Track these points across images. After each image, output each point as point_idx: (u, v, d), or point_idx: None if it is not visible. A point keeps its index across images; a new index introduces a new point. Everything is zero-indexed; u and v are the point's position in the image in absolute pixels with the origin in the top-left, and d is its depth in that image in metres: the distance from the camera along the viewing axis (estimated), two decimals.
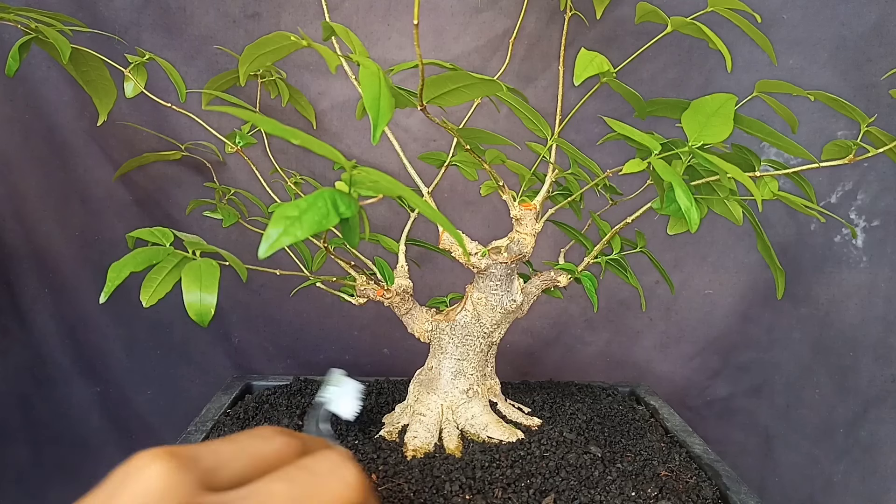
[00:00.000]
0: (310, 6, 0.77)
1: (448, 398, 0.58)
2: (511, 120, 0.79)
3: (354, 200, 0.29)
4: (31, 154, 0.78)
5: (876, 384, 0.85)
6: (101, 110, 0.55)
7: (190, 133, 0.76)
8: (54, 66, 0.76)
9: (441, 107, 0.46)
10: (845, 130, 0.80)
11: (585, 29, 0.76)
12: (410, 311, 0.60)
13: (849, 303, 0.85)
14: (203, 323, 0.42)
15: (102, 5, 0.74)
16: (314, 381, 0.73)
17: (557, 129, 0.54)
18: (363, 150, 0.82)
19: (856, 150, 0.46)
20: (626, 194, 0.62)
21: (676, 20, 0.47)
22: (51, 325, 0.83)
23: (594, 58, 0.43)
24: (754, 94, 0.51)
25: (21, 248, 0.81)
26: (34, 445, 0.86)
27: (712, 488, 0.52)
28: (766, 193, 0.49)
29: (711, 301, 0.87)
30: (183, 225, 0.82)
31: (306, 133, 0.28)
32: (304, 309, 0.87)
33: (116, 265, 0.43)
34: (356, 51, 0.44)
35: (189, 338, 0.87)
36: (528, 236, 0.55)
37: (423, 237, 0.66)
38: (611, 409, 0.68)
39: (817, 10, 0.77)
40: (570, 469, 0.52)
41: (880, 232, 0.82)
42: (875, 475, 0.86)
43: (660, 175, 0.40)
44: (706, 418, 0.92)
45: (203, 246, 0.47)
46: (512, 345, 0.89)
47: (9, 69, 0.49)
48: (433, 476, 0.50)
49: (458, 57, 0.79)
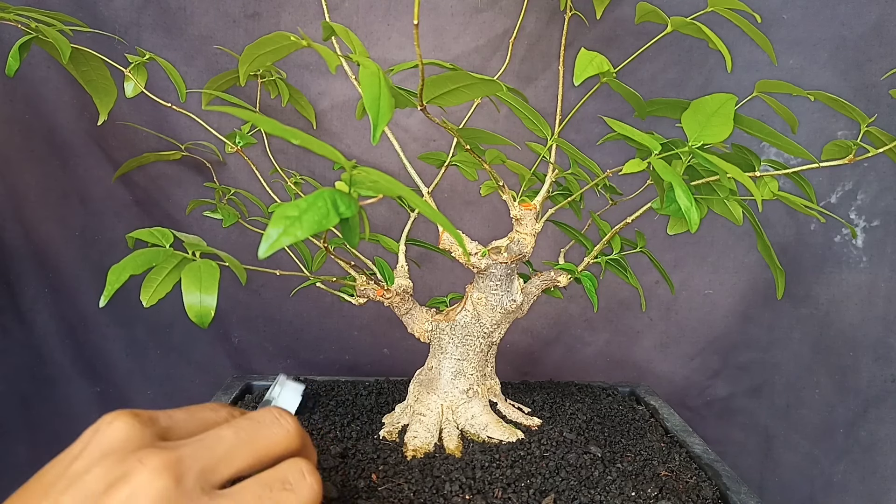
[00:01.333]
0: (310, 6, 0.77)
1: (448, 398, 0.58)
2: (511, 120, 0.79)
3: (354, 200, 0.29)
4: (31, 154, 0.78)
5: (876, 384, 0.85)
6: (102, 110, 0.55)
7: (190, 133, 0.76)
8: (54, 66, 0.76)
9: (441, 107, 0.46)
10: (845, 130, 0.80)
11: (585, 29, 0.76)
12: (410, 311, 0.60)
13: (849, 303, 0.85)
14: (203, 324, 0.42)
15: (102, 5, 0.74)
16: (314, 381, 0.73)
17: (557, 129, 0.54)
18: (363, 150, 0.82)
19: (856, 150, 0.46)
20: (626, 194, 0.62)
21: (676, 20, 0.47)
22: (51, 325, 0.83)
23: (594, 58, 0.43)
24: (754, 94, 0.51)
25: (21, 248, 0.81)
26: (34, 445, 0.86)
27: (712, 488, 0.52)
28: (766, 193, 0.49)
29: (711, 301, 0.87)
30: (183, 225, 0.82)
31: (306, 133, 0.28)
32: (304, 309, 0.87)
33: (116, 268, 0.43)
34: (356, 51, 0.44)
35: (189, 338, 0.87)
36: (528, 236, 0.55)
37: (423, 237, 0.66)
38: (611, 409, 0.68)
39: (817, 10, 0.77)
40: (570, 469, 0.52)
41: (880, 232, 0.82)
42: (875, 475, 0.86)
43: (660, 175, 0.40)
44: (706, 418, 0.92)
45: (203, 247, 0.47)
46: (512, 345, 0.89)
47: (9, 69, 0.49)
48: (433, 476, 0.50)
49: (458, 57, 0.79)
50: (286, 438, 0.31)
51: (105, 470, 0.27)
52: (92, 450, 0.28)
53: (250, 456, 0.29)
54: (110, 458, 0.27)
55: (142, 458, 0.27)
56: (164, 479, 0.26)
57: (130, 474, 0.26)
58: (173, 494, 0.26)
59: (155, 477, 0.26)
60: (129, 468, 0.26)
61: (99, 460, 0.27)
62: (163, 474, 0.26)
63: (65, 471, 0.28)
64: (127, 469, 0.26)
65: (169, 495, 0.26)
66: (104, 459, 0.27)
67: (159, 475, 0.26)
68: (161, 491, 0.26)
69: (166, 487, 0.26)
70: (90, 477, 0.26)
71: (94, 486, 0.26)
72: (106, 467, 0.27)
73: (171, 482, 0.26)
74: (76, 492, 0.26)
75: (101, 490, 0.26)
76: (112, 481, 0.26)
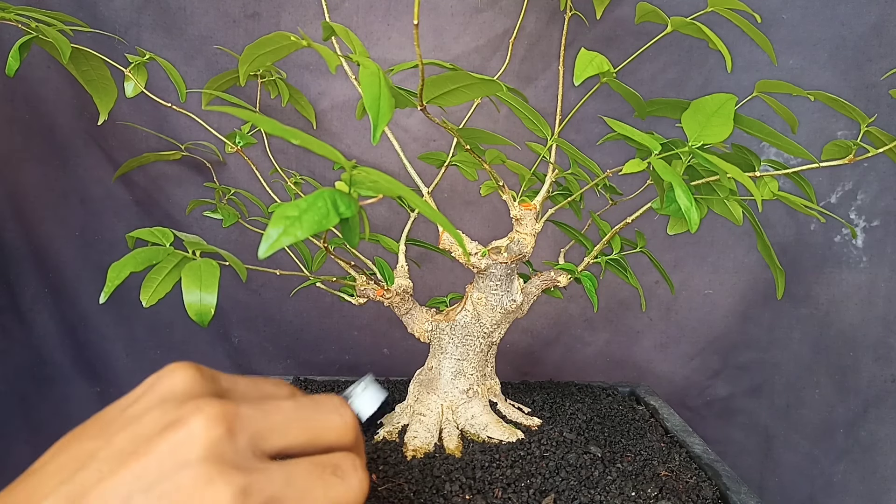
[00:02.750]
0: (310, 6, 0.77)
1: (448, 398, 0.58)
2: (511, 120, 0.79)
3: (354, 200, 0.29)
4: (31, 154, 0.78)
5: (876, 384, 0.85)
6: (102, 110, 0.55)
7: (190, 133, 0.76)
8: (54, 66, 0.76)
9: (441, 107, 0.46)
10: (845, 130, 0.80)
11: (585, 29, 0.76)
12: (410, 311, 0.60)
13: (849, 303, 0.85)
14: (203, 323, 0.42)
15: (102, 5, 0.74)
16: (314, 381, 0.73)
17: (557, 129, 0.54)
18: (363, 150, 0.82)
19: (856, 150, 0.46)
20: (626, 194, 0.62)
21: (676, 20, 0.48)
22: (51, 325, 0.83)
23: (594, 58, 0.43)
24: (754, 94, 0.51)
25: (21, 248, 0.81)
26: (34, 445, 0.86)
27: (712, 488, 0.52)
28: (766, 193, 0.49)
29: (711, 301, 0.87)
30: (183, 225, 0.82)
31: (306, 133, 0.28)
32: (304, 309, 0.87)
33: (116, 265, 0.43)
34: (356, 51, 0.44)
35: (189, 338, 0.87)
36: (528, 236, 0.55)
37: (423, 237, 0.66)
38: (611, 409, 0.68)
39: (817, 10, 0.77)
40: (570, 469, 0.52)
41: (880, 232, 0.82)
42: (875, 475, 0.86)
43: (660, 175, 0.40)
44: (706, 418, 0.92)
45: (203, 246, 0.47)
46: (512, 345, 0.89)
47: (9, 69, 0.49)
48: (433, 476, 0.50)
49: (458, 57, 0.79)
50: (342, 428, 0.30)
51: (162, 412, 0.27)
52: (151, 395, 0.28)
53: (303, 434, 0.29)
54: (169, 403, 0.27)
55: (200, 405, 0.26)
56: (219, 429, 0.26)
57: (187, 419, 0.26)
58: (226, 447, 0.26)
59: (211, 425, 0.26)
60: (186, 413, 0.26)
61: (157, 404, 0.27)
62: (219, 424, 0.26)
63: (122, 412, 0.28)
64: (184, 413, 0.26)
65: (221, 446, 0.26)
66: (163, 404, 0.27)
67: (215, 423, 0.26)
68: (214, 440, 0.26)
69: (220, 437, 0.26)
70: (147, 419, 0.27)
71: (150, 427, 0.26)
72: (163, 410, 0.27)
73: (225, 433, 0.26)
74: (131, 431, 0.26)
75: (156, 431, 0.26)
76: (167, 424, 0.26)
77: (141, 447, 0.25)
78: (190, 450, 0.25)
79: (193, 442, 0.25)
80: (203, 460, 0.25)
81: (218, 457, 0.25)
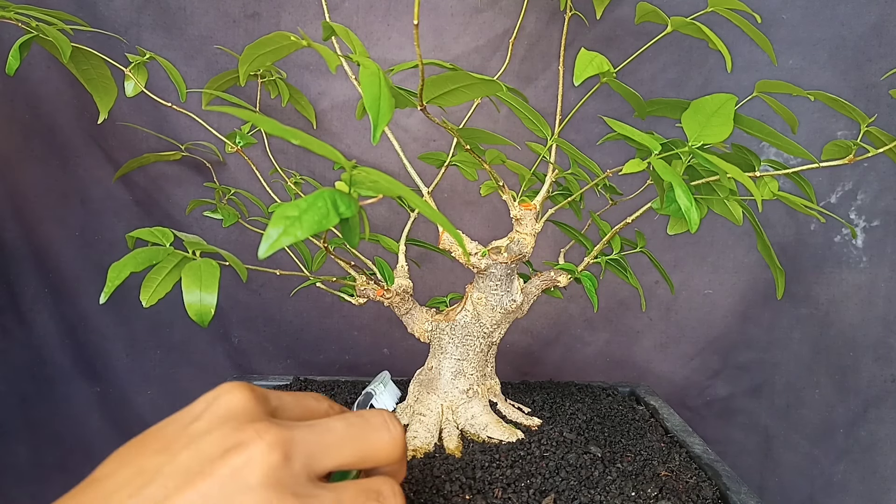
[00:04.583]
0: (310, 6, 0.77)
1: (448, 398, 0.58)
2: (511, 120, 0.79)
3: (354, 200, 0.29)
4: (31, 154, 0.78)
5: (876, 384, 0.85)
6: (102, 109, 0.55)
7: (190, 133, 0.76)
8: (54, 65, 0.76)
9: (441, 107, 0.46)
10: (845, 130, 0.80)
11: (585, 29, 0.76)
12: (410, 311, 0.60)
13: (849, 303, 0.85)
14: (203, 323, 0.42)
15: (102, 5, 0.74)
16: (314, 381, 0.73)
17: (557, 129, 0.54)
18: (363, 150, 0.82)
19: (856, 150, 0.46)
20: (626, 194, 0.62)
21: (676, 20, 0.48)
22: (51, 325, 0.83)
23: (594, 58, 0.43)
24: (754, 94, 0.51)
25: (21, 248, 0.81)
26: (34, 445, 0.86)
27: (712, 488, 0.52)
28: (766, 193, 0.49)
29: (711, 301, 0.87)
30: (183, 225, 0.82)
31: (306, 133, 0.28)
32: (304, 309, 0.87)
33: (116, 265, 0.43)
34: (356, 51, 0.44)
35: (189, 338, 0.87)
36: (528, 236, 0.55)
37: (423, 237, 0.66)
38: (611, 409, 0.68)
39: (817, 10, 0.77)
40: (570, 469, 0.52)
41: (880, 232, 0.82)
42: (875, 475, 0.86)
43: (660, 175, 0.40)
44: (706, 418, 0.92)
45: (203, 246, 0.47)
46: (512, 345, 0.89)
47: (9, 68, 0.49)
48: (433, 476, 0.50)
49: (458, 57, 0.79)
50: (391, 444, 0.31)
51: (223, 435, 0.28)
52: (211, 414, 0.29)
53: (355, 453, 0.30)
54: (229, 425, 0.28)
55: (259, 430, 0.28)
56: (277, 455, 0.27)
57: (247, 444, 0.27)
58: (283, 472, 0.27)
59: (269, 451, 0.27)
60: (247, 438, 0.27)
61: (218, 425, 0.28)
62: (276, 450, 0.27)
63: (184, 429, 0.29)
64: (244, 438, 0.27)
65: (279, 472, 0.27)
66: (223, 425, 0.28)
67: (273, 450, 0.27)
68: (272, 465, 0.27)
69: (278, 463, 0.27)
70: (209, 439, 0.28)
71: (212, 447, 0.27)
72: (224, 433, 0.28)
73: (282, 459, 0.27)
74: (194, 450, 0.27)
75: (218, 454, 0.27)
76: (229, 447, 0.27)
77: (205, 467, 0.26)
78: (250, 474, 0.26)
79: (254, 467, 0.26)
80: (262, 486, 0.26)
81: (276, 482, 0.27)
